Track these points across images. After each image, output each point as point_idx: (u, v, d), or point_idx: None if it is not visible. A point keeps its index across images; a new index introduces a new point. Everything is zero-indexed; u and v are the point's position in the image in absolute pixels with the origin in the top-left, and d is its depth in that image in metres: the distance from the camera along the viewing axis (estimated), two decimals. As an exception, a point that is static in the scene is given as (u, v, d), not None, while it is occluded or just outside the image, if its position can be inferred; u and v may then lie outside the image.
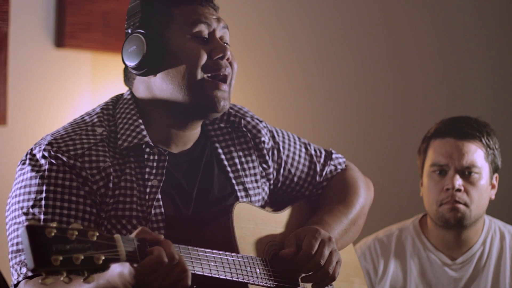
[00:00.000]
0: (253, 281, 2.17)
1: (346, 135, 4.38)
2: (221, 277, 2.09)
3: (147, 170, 2.23)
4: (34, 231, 1.70)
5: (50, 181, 2.14)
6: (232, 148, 2.39)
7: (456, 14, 4.58)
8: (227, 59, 2.26)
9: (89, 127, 2.24)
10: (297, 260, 2.22)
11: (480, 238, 3.13)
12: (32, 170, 2.16)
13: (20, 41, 3.46)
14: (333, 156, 2.55)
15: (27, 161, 2.18)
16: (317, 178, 2.51)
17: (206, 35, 2.26)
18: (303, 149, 2.51)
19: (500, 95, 4.63)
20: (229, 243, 2.18)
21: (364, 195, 2.52)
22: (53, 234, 1.71)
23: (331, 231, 2.34)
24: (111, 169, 2.19)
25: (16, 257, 2.13)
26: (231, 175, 2.36)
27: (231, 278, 2.12)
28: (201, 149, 2.35)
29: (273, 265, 2.25)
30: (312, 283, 2.26)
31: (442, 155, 3.05)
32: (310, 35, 4.32)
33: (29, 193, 2.14)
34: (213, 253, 2.10)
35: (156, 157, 2.24)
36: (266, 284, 2.20)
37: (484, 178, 3.06)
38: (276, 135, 2.48)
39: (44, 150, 2.16)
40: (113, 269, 1.88)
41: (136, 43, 2.22)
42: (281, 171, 2.47)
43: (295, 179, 2.49)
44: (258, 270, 2.20)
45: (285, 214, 2.40)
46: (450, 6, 4.57)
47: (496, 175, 3.12)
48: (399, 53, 4.50)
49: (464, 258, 3.12)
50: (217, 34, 2.27)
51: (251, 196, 2.37)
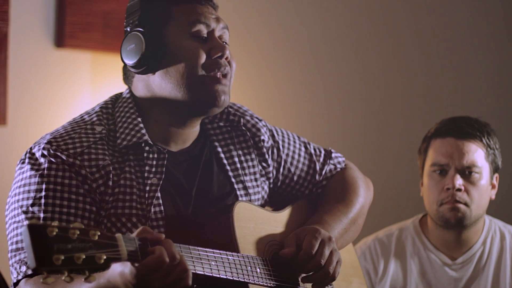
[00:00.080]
0: (254, 280, 2.17)
1: (346, 135, 4.38)
2: (221, 276, 2.09)
3: (146, 168, 2.23)
4: (35, 230, 1.70)
5: (50, 180, 2.14)
6: (232, 147, 2.39)
7: (456, 14, 4.58)
8: (226, 58, 2.26)
9: (88, 126, 2.23)
10: (298, 260, 2.22)
11: (480, 238, 3.13)
12: (31, 168, 2.16)
13: (20, 41, 3.46)
14: (333, 155, 2.55)
15: (27, 160, 2.18)
16: (317, 177, 2.51)
17: (205, 34, 2.25)
18: (303, 148, 2.51)
19: (500, 95, 4.62)
20: (229, 242, 2.18)
21: (364, 194, 2.52)
22: (54, 233, 1.70)
23: (331, 230, 2.34)
24: (111, 167, 2.19)
25: (15, 255, 2.13)
26: (230, 173, 2.36)
27: (231, 278, 2.11)
28: (200, 147, 2.34)
29: (274, 264, 2.24)
30: (312, 283, 2.26)
31: (443, 154, 3.05)
32: (310, 35, 4.32)
33: (28, 191, 2.14)
34: (214, 252, 2.09)
35: (156, 155, 2.24)
36: (266, 284, 2.20)
37: (485, 178, 3.06)
38: (275, 134, 2.48)
39: (44, 148, 2.16)
40: (114, 268, 1.88)
41: (135, 41, 2.22)
42: (281, 170, 2.47)
43: (295, 177, 2.49)
44: (258, 270, 2.19)
45: (285, 214, 2.40)
46: (450, 6, 4.57)
47: (497, 175, 3.12)
48: (399, 53, 4.50)
49: (464, 258, 3.11)
50: (216, 33, 2.27)
51: (250, 195, 2.37)
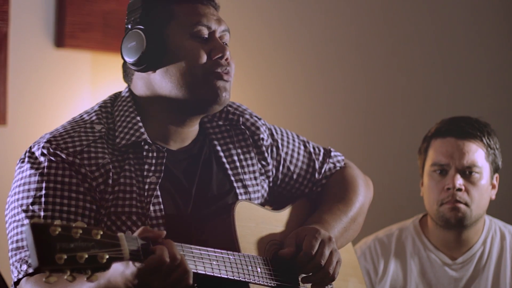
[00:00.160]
0: (254, 280, 2.17)
1: (346, 135, 4.38)
2: (222, 276, 2.09)
3: (145, 167, 2.23)
4: (38, 229, 1.70)
5: (50, 178, 2.14)
6: (231, 146, 2.39)
7: (456, 14, 4.58)
8: (226, 59, 2.26)
9: (87, 125, 2.24)
10: (298, 261, 2.22)
11: (480, 238, 3.13)
12: (31, 167, 2.16)
13: (20, 41, 3.46)
14: (332, 154, 2.55)
15: (26, 159, 2.18)
16: (316, 175, 2.51)
17: (206, 34, 2.25)
18: (302, 147, 2.51)
19: (500, 95, 4.62)
20: (230, 241, 2.18)
21: (364, 193, 2.52)
22: (57, 233, 1.71)
23: (330, 229, 2.34)
24: (110, 165, 2.19)
25: (16, 254, 2.13)
26: (229, 172, 2.36)
27: (232, 277, 2.11)
28: (199, 146, 2.34)
29: (274, 264, 2.24)
30: (312, 284, 2.25)
31: (443, 154, 3.05)
32: (310, 35, 4.32)
33: (28, 190, 2.14)
34: (215, 252, 2.09)
35: (155, 154, 2.24)
36: (267, 284, 2.20)
37: (485, 178, 3.05)
38: (274, 132, 2.48)
39: (43, 147, 2.16)
40: (115, 268, 1.88)
41: (135, 39, 2.22)
42: (280, 168, 2.47)
43: (294, 176, 2.49)
44: (259, 270, 2.19)
45: (285, 213, 2.40)
46: (450, 6, 4.57)
47: (497, 175, 3.12)
48: (399, 53, 4.50)
49: (464, 258, 3.11)
50: (217, 34, 2.27)
51: (250, 193, 2.37)
